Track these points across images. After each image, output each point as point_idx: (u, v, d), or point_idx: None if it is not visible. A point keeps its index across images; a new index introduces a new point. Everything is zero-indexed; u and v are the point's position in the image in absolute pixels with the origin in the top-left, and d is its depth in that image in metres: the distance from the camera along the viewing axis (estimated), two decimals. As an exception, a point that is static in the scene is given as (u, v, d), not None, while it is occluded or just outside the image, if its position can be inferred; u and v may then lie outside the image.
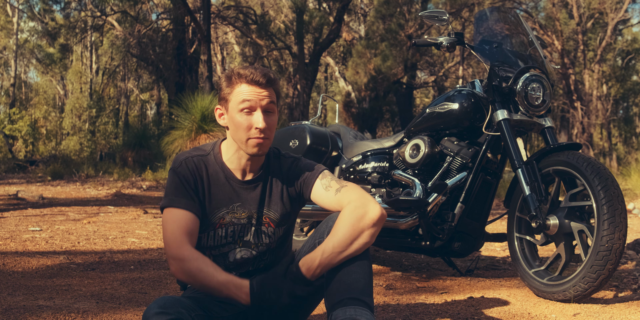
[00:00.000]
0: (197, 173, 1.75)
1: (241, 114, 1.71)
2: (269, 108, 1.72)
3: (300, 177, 1.80)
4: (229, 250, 1.79)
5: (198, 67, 18.33)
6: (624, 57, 26.37)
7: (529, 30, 2.99)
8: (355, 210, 1.64)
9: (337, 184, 1.75)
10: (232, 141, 1.77)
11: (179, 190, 1.71)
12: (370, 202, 1.66)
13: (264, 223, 1.80)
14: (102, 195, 7.86)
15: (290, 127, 3.64)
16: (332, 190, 1.74)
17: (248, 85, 1.70)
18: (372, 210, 1.64)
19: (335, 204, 1.72)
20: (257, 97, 1.70)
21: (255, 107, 1.70)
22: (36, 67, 31.84)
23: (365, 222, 1.62)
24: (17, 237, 3.92)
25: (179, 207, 1.69)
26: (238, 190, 1.78)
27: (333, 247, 1.60)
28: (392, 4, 18.87)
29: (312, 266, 1.60)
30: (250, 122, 1.70)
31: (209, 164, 1.78)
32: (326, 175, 1.79)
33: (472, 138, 2.98)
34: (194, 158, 1.77)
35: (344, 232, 1.61)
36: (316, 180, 1.78)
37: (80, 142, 23.49)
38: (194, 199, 1.71)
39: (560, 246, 2.53)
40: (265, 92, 1.71)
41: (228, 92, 1.73)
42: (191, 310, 1.60)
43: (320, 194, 1.76)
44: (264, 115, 1.71)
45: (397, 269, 3.37)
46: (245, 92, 1.70)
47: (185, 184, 1.72)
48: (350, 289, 1.59)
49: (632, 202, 6.99)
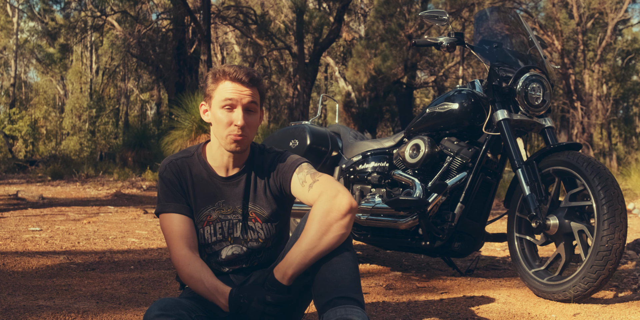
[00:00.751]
0: (181, 175, 1.79)
1: (222, 110, 1.74)
2: (250, 107, 1.75)
3: (279, 171, 1.81)
4: (220, 247, 1.81)
5: (198, 67, 18.32)
6: (624, 57, 26.37)
7: (529, 30, 2.99)
8: (323, 204, 1.64)
9: (310, 178, 1.74)
10: (214, 138, 1.80)
11: (167, 195, 1.77)
12: (338, 193, 1.64)
13: (251, 218, 1.81)
14: (102, 195, 7.86)
15: (290, 127, 3.64)
16: (306, 186, 1.74)
17: (231, 82, 1.74)
18: (340, 202, 1.63)
19: (310, 199, 1.72)
20: (238, 95, 1.73)
21: (236, 105, 1.73)
22: (36, 67, 31.84)
23: (333, 215, 1.61)
24: (17, 237, 3.92)
25: (170, 211, 1.76)
26: (221, 187, 1.80)
27: (304, 245, 1.60)
28: (392, 4, 18.87)
29: (285, 271, 1.60)
30: (230, 119, 1.73)
31: (192, 164, 1.81)
32: (303, 169, 1.78)
33: (472, 138, 2.97)
34: (177, 161, 1.81)
35: (312, 229, 1.61)
36: (293, 174, 1.78)
37: (80, 142, 23.48)
38: (182, 200, 1.77)
39: (560, 246, 2.53)
40: (248, 90, 1.74)
41: (212, 89, 1.77)
42: (191, 311, 1.60)
43: (298, 190, 1.76)
44: (245, 113, 1.73)
45: (397, 269, 3.37)
46: (228, 89, 1.73)
47: (172, 188, 1.77)
48: (337, 288, 1.58)
49: (632, 202, 6.99)
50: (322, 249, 1.60)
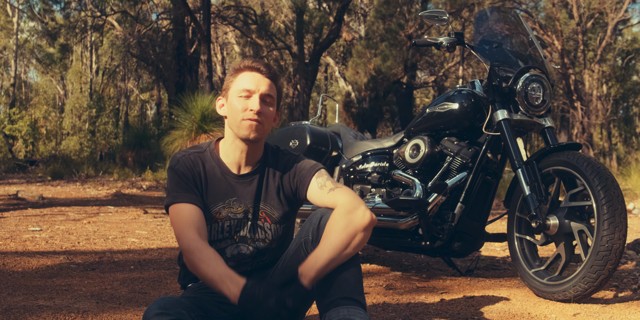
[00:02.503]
0: (195, 169, 1.77)
1: (239, 98, 1.75)
2: (266, 98, 1.76)
3: (297, 174, 1.81)
4: (226, 245, 1.79)
5: (198, 67, 18.32)
6: (624, 57, 26.37)
7: (529, 30, 2.99)
8: (346, 214, 1.65)
9: (331, 184, 1.76)
10: (229, 131, 1.79)
11: (180, 185, 1.73)
12: (361, 206, 1.67)
13: (260, 218, 1.80)
14: (102, 195, 7.86)
15: (290, 127, 3.63)
16: (326, 189, 1.75)
17: (250, 72, 1.76)
18: (364, 216, 1.65)
19: (327, 203, 1.73)
20: (256, 85, 1.75)
21: (253, 92, 1.74)
22: (36, 67, 31.84)
23: (356, 228, 1.64)
24: (17, 237, 3.92)
25: (183, 201, 1.71)
26: (234, 184, 1.79)
27: (329, 254, 1.60)
28: (392, 4, 18.86)
29: (310, 276, 1.59)
30: (246, 105, 1.74)
31: (205, 160, 1.80)
32: (322, 175, 1.80)
33: (472, 138, 2.97)
34: (190, 155, 1.79)
35: (337, 239, 1.61)
36: (312, 178, 1.79)
37: (80, 142, 23.48)
38: (195, 192, 1.74)
39: (560, 246, 2.53)
40: (266, 80, 1.76)
41: (230, 80, 1.79)
42: (191, 310, 1.60)
43: (315, 192, 1.77)
44: (261, 101, 1.74)
45: (397, 269, 3.37)
46: (246, 78, 1.76)
47: (185, 179, 1.75)
48: (340, 289, 1.60)
49: (632, 202, 6.99)
50: (342, 259, 1.62)
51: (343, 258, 1.62)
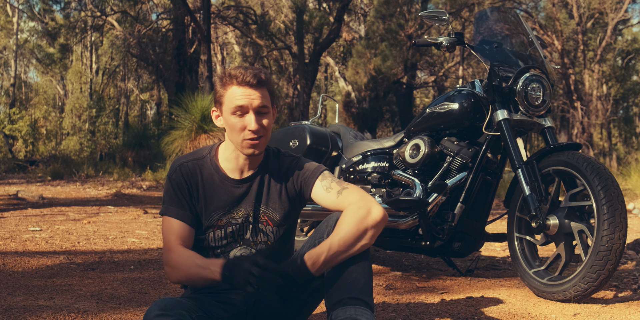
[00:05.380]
0: (192, 179, 1.78)
1: (234, 116, 1.72)
2: (261, 109, 1.73)
3: (300, 176, 1.81)
4: (230, 249, 1.81)
5: (198, 67, 18.32)
6: (624, 57, 26.36)
7: (529, 30, 2.99)
8: (358, 210, 1.65)
9: (338, 185, 1.76)
10: (229, 141, 1.79)
11: (172, 199, 1.77)
12: (372, 203, 1.68)
13: (262, 221, 1.81)
14: (102, 195, 7.86)
15: (290, 127, 3.63)
16: (333, 192, 1.75)
17: (239, 86, 1.71)
18: (375, 211, 1.66)
19: (337, 206, 1.73)
20: (248, 100, 1.70)
21: (247, 109, 1.71)
22: (36, 67, 31.83)
23: (368, 223, 1.64)
24: (17, 237, 3.92)
25: (171, 216, 1.76)
26: (233, 190, 1.79)
27: (338, 245, 1.61)
28: (392, 4, 18.86)
29: (317, 260, 1.60)
30: (243, 124, 1.71)
31: (204, 167, 1.80)
32: (326, 177, 1.80)
33: (472, 138, 2.97)
34: (188, 163, 1.80)
35: (348, 231, 1.62)
36: (316, 181, 1.79)
37: (80, 142, 23.48)
38: (184, 207, 1.76)
39: (560, 246, 2.53)
40: (257, 93, 1.71)
41: (221, 95, 1.75)
42: (192, 311, 1.60)
43: (322, 195, 1.77)
44: (257, 116, 1.72)
45: (397, 269, 3.37)
46: (237, 94, 1.71)
47: (178, 193, 1.76)
48: (350, 289, 1.60)
49: (632, 202, 6.98)
50: (352, 252, 1.63)
51: (351, 252, 1.62)
